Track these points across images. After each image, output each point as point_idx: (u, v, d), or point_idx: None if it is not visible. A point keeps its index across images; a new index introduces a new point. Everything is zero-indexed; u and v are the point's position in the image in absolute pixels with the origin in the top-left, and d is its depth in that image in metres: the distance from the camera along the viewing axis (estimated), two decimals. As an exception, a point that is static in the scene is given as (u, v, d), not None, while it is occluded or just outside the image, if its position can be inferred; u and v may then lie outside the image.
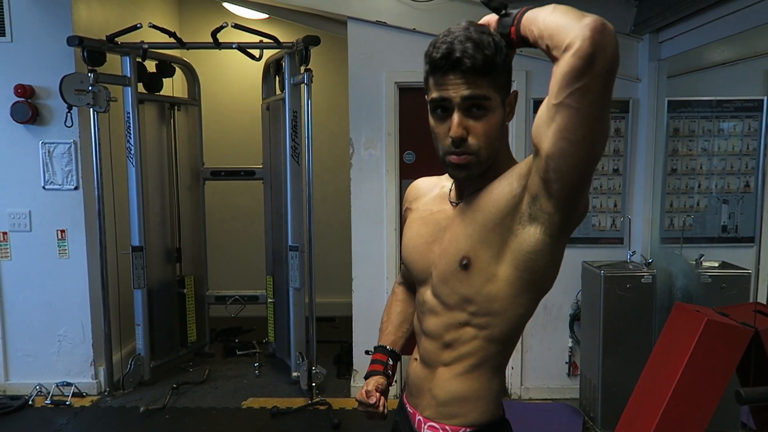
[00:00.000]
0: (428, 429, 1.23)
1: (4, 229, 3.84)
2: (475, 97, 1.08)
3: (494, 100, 1.10)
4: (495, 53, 1.07)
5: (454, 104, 1.09)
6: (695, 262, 3.41)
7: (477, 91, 1.07)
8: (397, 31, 3.62)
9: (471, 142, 1.10)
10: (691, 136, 3.74)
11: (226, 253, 5.48)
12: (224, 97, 5.48)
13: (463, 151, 1.11)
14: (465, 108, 1.09)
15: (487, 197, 1.14)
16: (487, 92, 1.08)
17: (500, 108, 1.12)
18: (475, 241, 1.13)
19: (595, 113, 0.95)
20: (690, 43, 3.24)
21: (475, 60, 1.05)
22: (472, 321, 1.17)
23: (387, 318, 1.52)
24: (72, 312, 3.88)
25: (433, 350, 1.23)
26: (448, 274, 1.18)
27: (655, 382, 2.70)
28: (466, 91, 1.07)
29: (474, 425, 1.20)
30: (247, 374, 4.27)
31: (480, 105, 1.09)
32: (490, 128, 1.11)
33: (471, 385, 1.19)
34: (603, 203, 3.74)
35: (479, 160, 1.12)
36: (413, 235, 1.30)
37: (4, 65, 3.72)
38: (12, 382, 3.93)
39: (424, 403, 1.25)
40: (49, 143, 3.77)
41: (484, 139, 1.11)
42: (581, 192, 1.04)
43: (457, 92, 1.08)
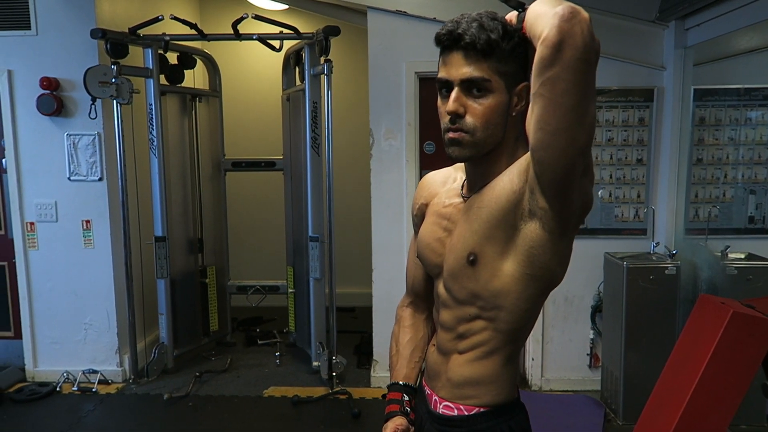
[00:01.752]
0: (443, 408, 1.26)
1: (31, 220, 3.92)
2: (474, 77, 1.08)
3: (496, 84, 1.09)
4: (501, 38, 1.07)
5: (454, 83, 1.11)
6: (721, 253, 3.35)
7: (476, 72, 1.08)
8: (418, 21, 3.59)
9: (467, 120, 1.11)
10: (718, 125, 3.66)
11: (247, 243, 5.53)
12: (245, 88, 5.51)
13: (459, 127, 1.12)
14: (465, 87, 1.10)
15: (491, 192, 1.14)
16: (488, 75, 1.08)
17: (504, 93, 1.10)
18: (481, 237, 1.14)
19: (569, 103, 0.94)
20: (717, 29, 3.16)
21: (476, 39, 1.06)
22: (482, 315, 1.18)
23: (396, 350, 1.45)
24: (97, 301, 3.96)
25: (448, 340, 1.26)
26: (456, 270, 1.19)
27: (678, 375, 2.67)
28: (465, 69, 1.08)
29: (488, 405, 1.22)
30: (268, 363, 4.32)
31: (480, 86, 1.09)
32: (488, 110, 1.10)
33: (484, 370, 1.21)
34: (626, 194, 3.68)
35: (474, 139, 1.12)
36: (426, 232, 1.31)
37: (30, 58, 3.78)
38: (40, 369, 4.03)
39: (440, 385, 1.28)
40: (74, 135, 3.83)
41: (481, 120, 1.10)
42: (569, 185, 1.02)
43: (457, 71, 1.09)
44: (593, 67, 0.94)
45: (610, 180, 3.67)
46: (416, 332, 1.45)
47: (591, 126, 0.98)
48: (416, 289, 1.47)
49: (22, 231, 3.93)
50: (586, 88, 0.94)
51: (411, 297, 1.50)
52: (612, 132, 3.64)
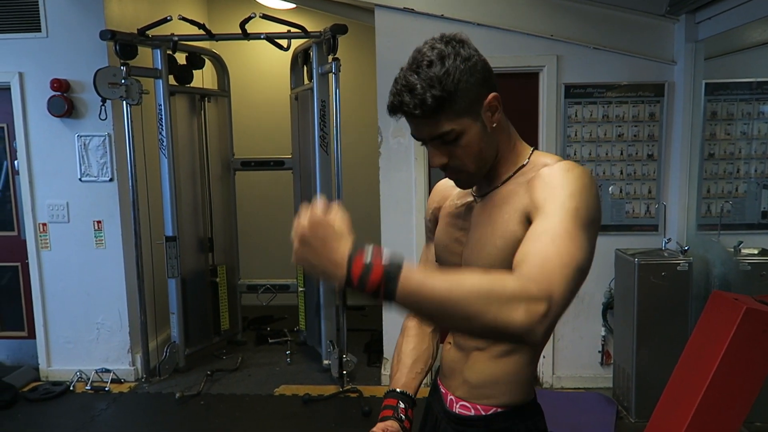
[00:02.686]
0: (460, 408, 1.25)
1: (43, 221, 3.95)
2: (436, 136, 1.10)
3: (460, 126, 1.09)
4: (442, 88, 1.04)
5: (426, 141, 1.13)
6: (733, 249, 3.32)
7: (435, 131, 1.09)
8: (425, 18, 3.58)
9: (453, 164, 1.14)
10: (730, 120, 3.62)
11: (257, 242, 5.55)
12: (253, 87, 5.52)
13: (450, 173, 1.18)
14: (437, 142, 1.12)
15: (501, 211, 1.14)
16: (448, 126, 1.08)
17: (473, 124, 1.10)
18: (495, 259, 1.13)
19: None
20: (728, 23, 3.12)
21: (420, 107, 1.05)
22: None
23: (397, 360, 1.43)
24: (109, 300, 3.99)
25: (467, 336, 1.25)
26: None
27: (691, 372, 2.64)
28: (426, 130, 1.10)
29: (505, 405, 1.21)
30: (279, 362, 4.34)
31: (447, 137, 1.10)
32: (467, 149, 1.12)
33: (503, 369, 1.20)
34: (637, 190, 3.66)
35: (470, 173, 1.16)
36: (442, 234, 1.32)
37: (41, 60, 3.81)
38: (54, 368, 4.07)
39: (456, 384, 1.27)
40: (84, 136, 3.86)
41: (467, 158, 1.13)
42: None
43: (421, 133, 1.12)
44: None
45: (621, 176, 3.65)
46: (420, 343, 1.43)
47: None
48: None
49: (34, 232, 3.96)
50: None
51: None
52: (622, 127, 3.61)
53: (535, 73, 3.62)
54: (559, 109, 3.60)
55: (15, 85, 3.84)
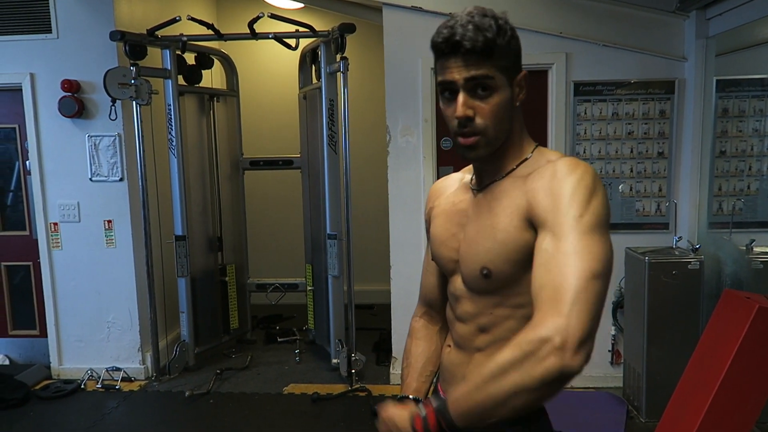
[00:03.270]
0: None
1: (54, 220, 3.99)
2: (477, 77, 1.08)
3: (498, 80, 1.09)
4: (496, 35, 1.07)
5: (459, 86, 1.10)
6: (746, 247, 3.29)
7: (479, 71, 1.08)
8: (433, 16, 3.57)
9: (478, 122, 1.11)
10: (742, 117, 3.59)
11: (266, 241, 5.57)
12: (262, 87, 5.54)
13: (470, 131, 1.12)
14: (469, 89, 1.10)
15: (501, 204, 1.14)
16: (490, 72, 1.08)
17: (507, 88, 1.11)
18: (494, 256, 1.13)
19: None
20: (740, 18, 3.09)
21: (474, 42, 1.06)
22: (506, 302, 1.16)
23: (407, 363, 1.43)
24: (120, 299, 4.02)
25: (468, 335, 1.23)
26: (472, 276, 1.18)
27: (702, 372, 2.62)
28: (468, 72, 1.08)
29: None
30: (288, 361, 4.35)
31: (484, 85, 1.09)
32: (496, 107, 1.10)
33: None
34: (647, 188, 3.63)
35: (487, 139, 1.12)
36: (439, 230, 1.30)
37: (51, 61, 3.85)
38: (65, 366, 4.10)
39: None
40: (94, 136, 3.89)
41: (491, 119, 1.11)
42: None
43: (460, 74, 1.09)
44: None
45: (631, 174, 3.62)
46: (429, 345, 1.43)
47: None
48: (430, 299, 1.44)
49: (46, 231, 4.00)
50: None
51: (424, 308, 1.47)
52: (632, 125, 3.59)
53: (544, 71, 3.60)
54: (569, 106, 3.59)
55: (26, 86, 3.88)
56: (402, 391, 1.39)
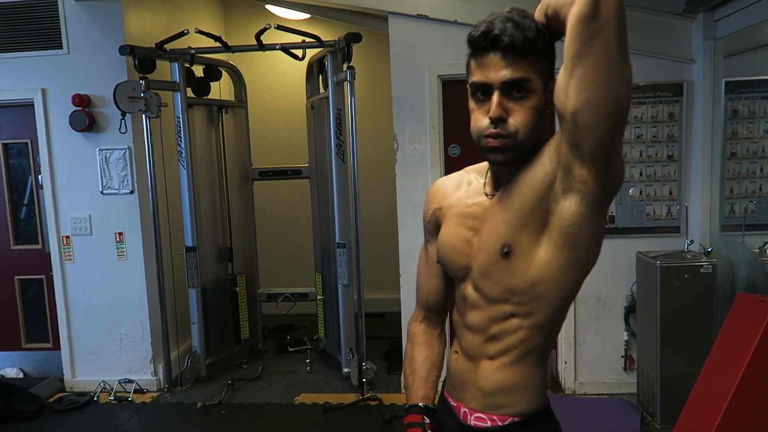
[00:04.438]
0: (475, 420, 1.22)
1: (66, 233, 4.03)
2: (515, 79, 1.06)
3: (535, 83, 1.07)
4: (536, 36, 1.05)
5: (494, 86, 1.07)
6: (759, 250, 3.25)
7: (517, 72, 1.05)
8: (439, 24, 3.59)
9: (510, 123, 1.08)
10: (752, 118, 3.56)
11: (276, 251, 5.58)
12: (270, 98, 5.57)
13: (500, 133, 1.08)
14: (505, 90, 1.07)
15: (522, 181, 1.12)
16: (528, 74, 1.06)
17: (542, 92, 1.09)
18: (515, 227, 1.11)
19: (612, 58, 0.95)
20: (748, 19, 3.08)
21: (514, 38, 1.04)
22: (518, 311, 1.14)
23: (411, 370, 1.40)
24: (131, 311, 4.04)
25: (477, 343, 1.21)
26: (489, 266, 1.16)
27: (717, 376, 2.59)
28: (506, 71, 1.06)
29: (521, 414, 1.18)
30: (299, 370, 4.34)
31: (521, 87, 1.07)
32: (530, 112, 1.08)
33: (516, 376, 1.17)
34: (657, 191, 3.60)
35: (516, 143, 1.09)
36: (450, 234, 1.27)
37: (62, 76, 3.90)
38: (78, 379, 4.12)
39: (470, 396, 1.23)
40: (105, 150, 3.93)
41: (523, 122, 1.08)
42: (613, 147, 1.01)
43: (497, 74, 1.06)
44: (626, 18, 0.96)
45: (641, 177, 3.60)
46: (431, 350, 1.41)
47: (630, 80, 0.98)
48: (430, 302, 1.42)
49: (58, 244, 4.03)
50: (624, 40, 0.96)
51: (423, 312, 1.45)
52: (641, 128, 3.57)
53: (550, 76, 3.60)
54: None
55: (38, 102, 3.93)
56: (409, 399, 1.38)
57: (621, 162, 1.05)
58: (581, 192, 1.04)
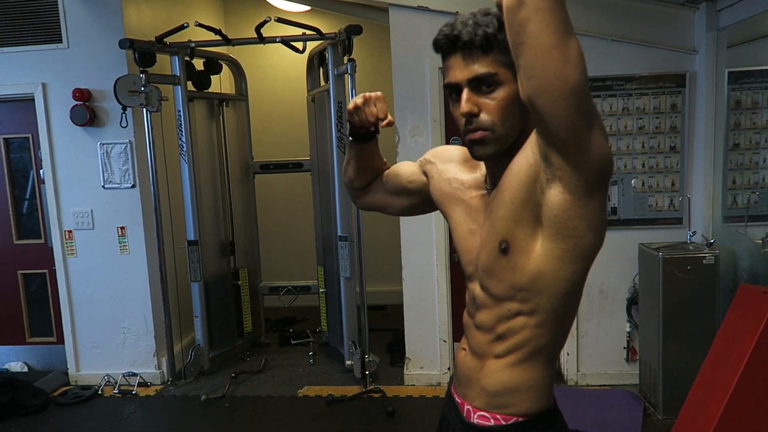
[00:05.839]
0: (478, 418, 1.21)
1: (69, 228, 4.03)
2: (479, 75, 1.08)
3: (503, 75, 1.08)
4: (498, 30, 1.07)
5: (462, 85, 1.10)
6: (761, 241, 3.25)
7: (481, 68, 1.08)
8: (440, 15, 3.56)
9: (483, 117, 1.10)
10: (755, 108, 3.54)
11: (278, 244, 5.59)
12: (270, 90, 5.56)
13: (476, 126, 1.11)
14: (474, 87, 1.10)
15: (510, 175, 1.12)
16: (492, 68, 1.08)
17: (513, 83, 1.07)
18: (509, 222, 1.11)
19: (547, 42, 0.93)
20: (751, 9, 3.05)
21: (472, 36, 1.07)
22: (523, 309, 1.14)
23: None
24: (134, 305, 4.05)
25: (485, 342, 1.21)
26: (490, 264, 1.16)
27: (720, 367, 2.60)
28: (469, 69, 1.09)
29: (526, 414, 1.17)
30: (302, 363, 4.36)
31: (488, 81, 1.09)
32: (502, 103, 1.09)
33: (523, 376, 1.16)
34: (660, 182, 3.60)
35: (495, 135, 1.11)
36: (459, 222, 1.28)
37: (62, 71, 3.89)
38: (83, 372, 4.14)
39: (474, 393, 1.23)
40: (106, 144, 3.92)
41: (498, 114, 1.10)
42: (577, 130, 0.98)
43: (462, 72, 1.10)
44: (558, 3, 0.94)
45: (643, 169, 3.59)
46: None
47: (577, 60, 0.96)
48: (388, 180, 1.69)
49: (60, 239, 4.04)
50: (559, 22, 0.94)
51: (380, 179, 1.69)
52: (643, 120, 3.56)
53: (552, 68, 3.58)
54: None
55: (39, 96, 3.92)
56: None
57: (600, 147, 1.01)
58: (562, 179, 1.03)
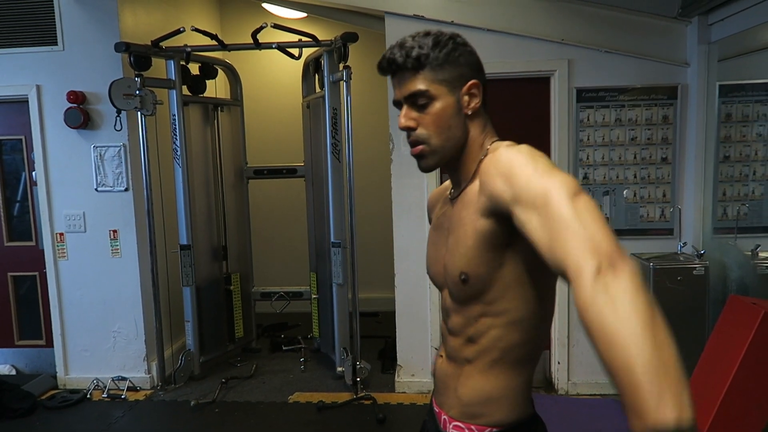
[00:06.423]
0: (453, 429, 1.22)
1: (60, 230, 4.01)
2: (411, 93, 1.15)
3: (435, 91, 1.14)
4: (431, 49, 1.14)
5: (402, 102, 1.18)
6: (751, 252, 3.28)
7: (412, 87, 1.15)
8: (435, 25, 3.59)
9: (419, 131, 1.17)
10: (745, 122, 3.59)
11: (271, 250, 5.58)
12: (265, 96, 5.57)
13: (415, 140, 1.18)
14: (412, 103, 1.17)
15: (465, 208, 1.15)
16: (424, 85, 1.14)
17: (448, 97, 1.15)
18: (468, 259, 1.14)
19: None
20: (742, 24, 3.10)
21: (404, 58, 1.14)
22: (488, 311, 1.15)
23: None
24: (125, 309, 4.03)
25: (457, 346, 1.22)
26: (454, 284, 1.18)
27: (709, 378, 2.61)
28: (403, 88, 1.17)
29: (500, 425, 1.17)
30: (293, 369, 4.34)
31: (421, 98, 1.15)
32: (435, 117, 1.15)
33: (495, 383, 1.17)
34: (651, 193, 3.63)
35: (431, 148, 1.17)
36: (429, 247, 1.34)
37: (57, 73, 3.88)
38: (71, 376, 4.11)
39: (450, 402, 1.23)
40: (100, 147, 3.91)
41: (432, 128, 1.16)
42: None
43: (399, 91, 1.18)
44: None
45: (635, 179, 3.62)
46: None
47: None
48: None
49: (52, 241, 4.02)
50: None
51: None
52: (635, 131, 3.59)
53: (546, 78, 3.61)
54: (571, 113, 3.59)
55: (33, 98, 3.91)
56: None
57: None
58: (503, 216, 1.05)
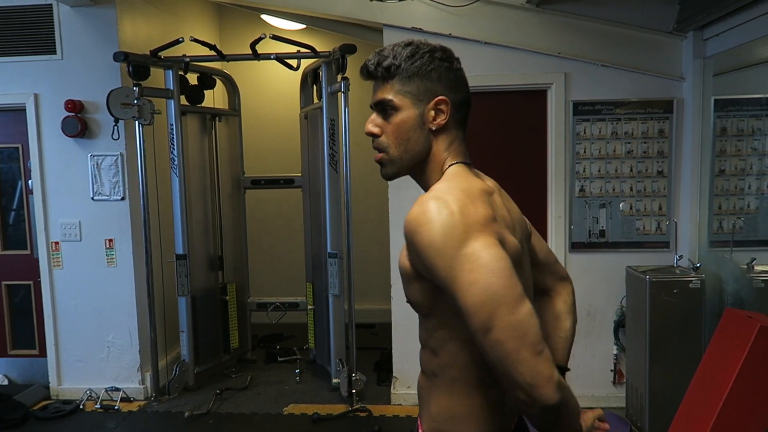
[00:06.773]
0: None
1: (56, 239, 3.99)
2: (378, 101, 1.19)
3: (400, 102, 1.17)
4: (404, 60, 1.16)
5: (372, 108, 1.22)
6: (747, 266, 3.28)
7: (381, 95, 1.18)
8: (433, 37, 3.61)
9: (381, 139, 1.20)
10: (740, 136, 3.61)
11: (267, 260, 5.56)
12: (263, 107, 5.58)
13: (377, 147, 1.22)
14: (380, 111, 1.20)
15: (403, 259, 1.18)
16: (390, 95, 1.17)
17: (411, 109, 1.17)
18: (407, 289, 1.17)
19: None
20: (737, 39, 3.13)
21: (374, 68, 1.18)
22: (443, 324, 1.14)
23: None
24: (120, 319, 4.01)
25: (425, 358, 1.22)
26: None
27: (705, 391, 2.61)
28: (375, 95, 1.20)
29: None
30: (288, 380, 4.32)
31: (386, 107, 1.18)
32: (396, 127, 1.18)
33: (457, 400, 1.15)
34: (647, 206, 3.64)
35: (390, 157, 1.20)
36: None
37: (55, 81, 3.89)
38: (64, 386, 4.08)
39: (424, 415, 1.22)
40: (97, 156, 3.91)
41: (392, 138, 1.18)
42: None
43: (372, 97, 1.22)
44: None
45: (631, 192, 3.63)
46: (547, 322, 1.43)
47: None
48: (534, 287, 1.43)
49: (47, 250, 4.00)
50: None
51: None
52: (631, 144, 3.61)
53: (543, 91, 3.64)
54: (568, 126, 3.61)
55: (30, 107, 3.91)
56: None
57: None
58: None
